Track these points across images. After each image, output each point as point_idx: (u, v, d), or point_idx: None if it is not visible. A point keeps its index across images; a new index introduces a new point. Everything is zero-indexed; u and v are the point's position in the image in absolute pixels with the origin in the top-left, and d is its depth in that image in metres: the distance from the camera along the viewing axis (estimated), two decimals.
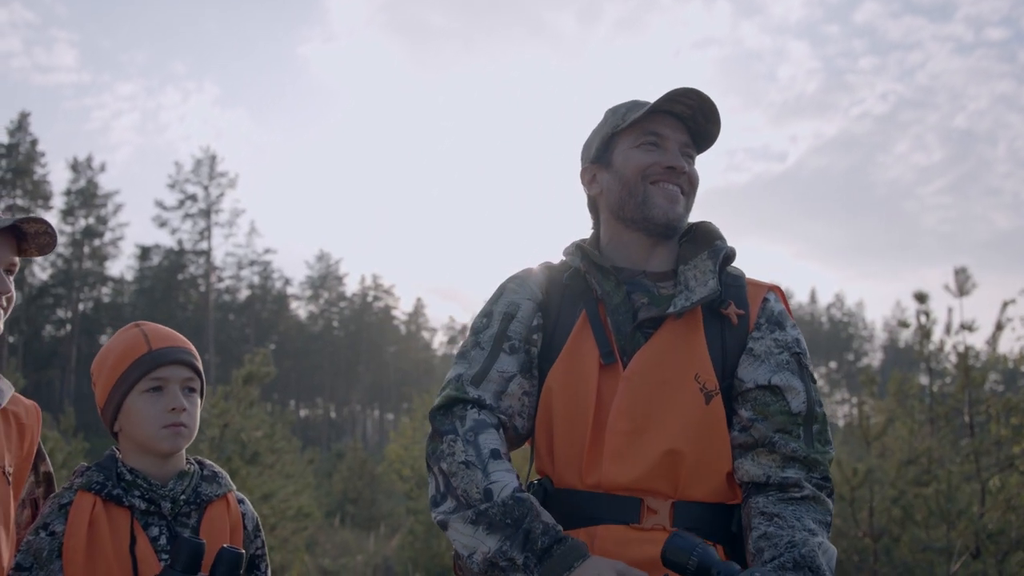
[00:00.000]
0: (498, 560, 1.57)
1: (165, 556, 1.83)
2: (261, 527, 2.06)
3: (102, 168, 56.25)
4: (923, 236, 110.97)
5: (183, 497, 1.90)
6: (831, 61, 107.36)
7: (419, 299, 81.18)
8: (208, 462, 2.03)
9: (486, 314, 1.87)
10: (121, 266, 59.45)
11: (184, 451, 1.97)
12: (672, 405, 1.69)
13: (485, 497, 1.61)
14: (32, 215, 1.88)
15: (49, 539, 1.81)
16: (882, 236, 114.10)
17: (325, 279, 68.69)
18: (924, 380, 8.48)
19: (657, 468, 1.67)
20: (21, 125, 52.00)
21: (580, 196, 2.01)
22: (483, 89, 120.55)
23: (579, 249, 1.88)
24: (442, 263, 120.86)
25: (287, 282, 65.63)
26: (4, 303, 1.82)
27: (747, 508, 1.67)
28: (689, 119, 1.88)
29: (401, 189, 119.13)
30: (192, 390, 1.94)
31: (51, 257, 57.11)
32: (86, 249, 56.90)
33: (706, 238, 1.86)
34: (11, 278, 1.86)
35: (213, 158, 56.79)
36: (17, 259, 1.87)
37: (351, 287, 72.50)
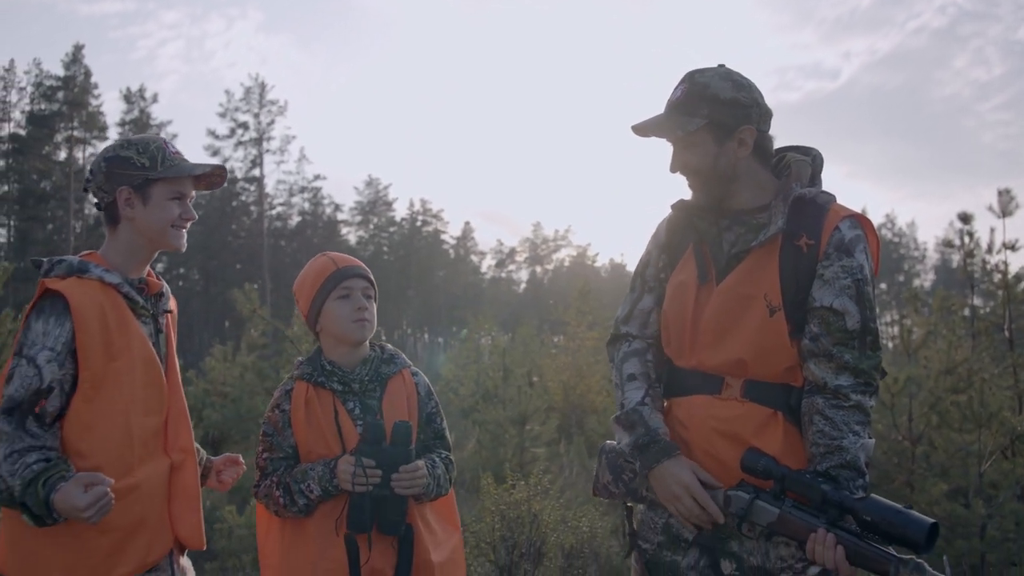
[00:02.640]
0: (622, 449, 2.36)
1: (359, 421, 2.51)
2: (432, 391, 2.72)
3: (154, 99, 56.96)
4: (981, 154, 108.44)
5: (367, 378, 2.56)
6: None
7: (467, 223, 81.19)
8: (388, 346, 2.70)
9: (638, 261, 2.54)
10: None
11: (368, 342, 2.62)
12: (746, 315, 2.24)
13: (620, 407, 2.39)
14: (219, 164, 2.51)
15: (281, 415, 2.55)
16: (938, 155, 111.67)
17: (374, 204, 69.31)
18: (972, 300, 8.83)
19: (732, 358, 2.26)
20: (76, 58, 52.78)
21: (623, 119, 2.49)
22: (531, 11, 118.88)
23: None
24: (490, 187, 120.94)
25: (337, 208, 66.31)
26: (187, 227, 2.45)
27: (809, 402, 2.21)
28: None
29: (448, 113, 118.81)
30: (368, 296, 2.59)
31: None
32: None
33: (794, 177, 2.27)
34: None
35: (263, 86, 57.16)
36: (194, 192, 2.47)
37: (400, 212, 72.86)
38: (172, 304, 2.54)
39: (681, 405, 2.35)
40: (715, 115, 2.21)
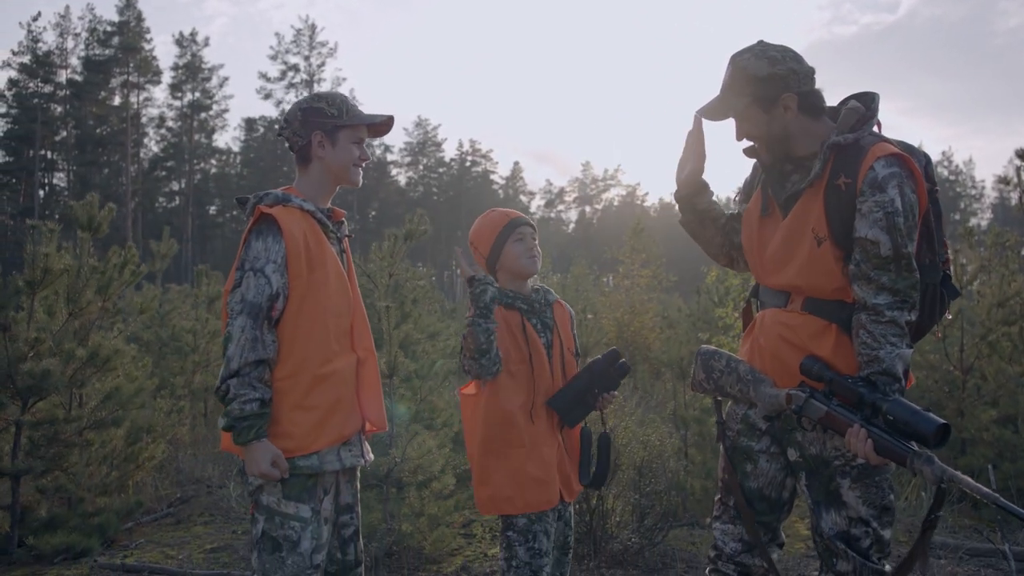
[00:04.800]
0: (712, 350, 2.92)
1: (541, 333, 3.20)
2: (575, 319, 3.40)
3: (206, 42, 57.56)
4: None
5: (542, 300, 3.29)
6: None
7: (516, 163, 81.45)
8: (540, 284, 3.36)
9: None
10: (228, 138, 61.39)
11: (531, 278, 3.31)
12: (799, 246, 2.68)
13: None
14: (390, 115, 2.99)
15: (486, 327, 3.07)
16: (1000, 89, 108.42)
17: (424, 145, 69.63)
18: None
19: (790, 282, 2.71)
20: (129, 2, 53.35)
21: (675, 57, 2.92)
22: None
23: None
24: (539, 127, 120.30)
25: (387, 149, 66.87)
26: (363, 166, 2.94)
27: (856, 318, 2.60)
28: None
29: (497, 53, 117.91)
30: (534, 239, 3.27)
31: (162, 131, 59.35)
32: (194, 123, 58.85)
33: (839, 125, 2.66)
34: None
35: (312, 28, 57.42)
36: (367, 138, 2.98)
37: (449, 152, 73.19)
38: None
39: (762, 315, 2.83)
40: (757, 92, 2.65)
